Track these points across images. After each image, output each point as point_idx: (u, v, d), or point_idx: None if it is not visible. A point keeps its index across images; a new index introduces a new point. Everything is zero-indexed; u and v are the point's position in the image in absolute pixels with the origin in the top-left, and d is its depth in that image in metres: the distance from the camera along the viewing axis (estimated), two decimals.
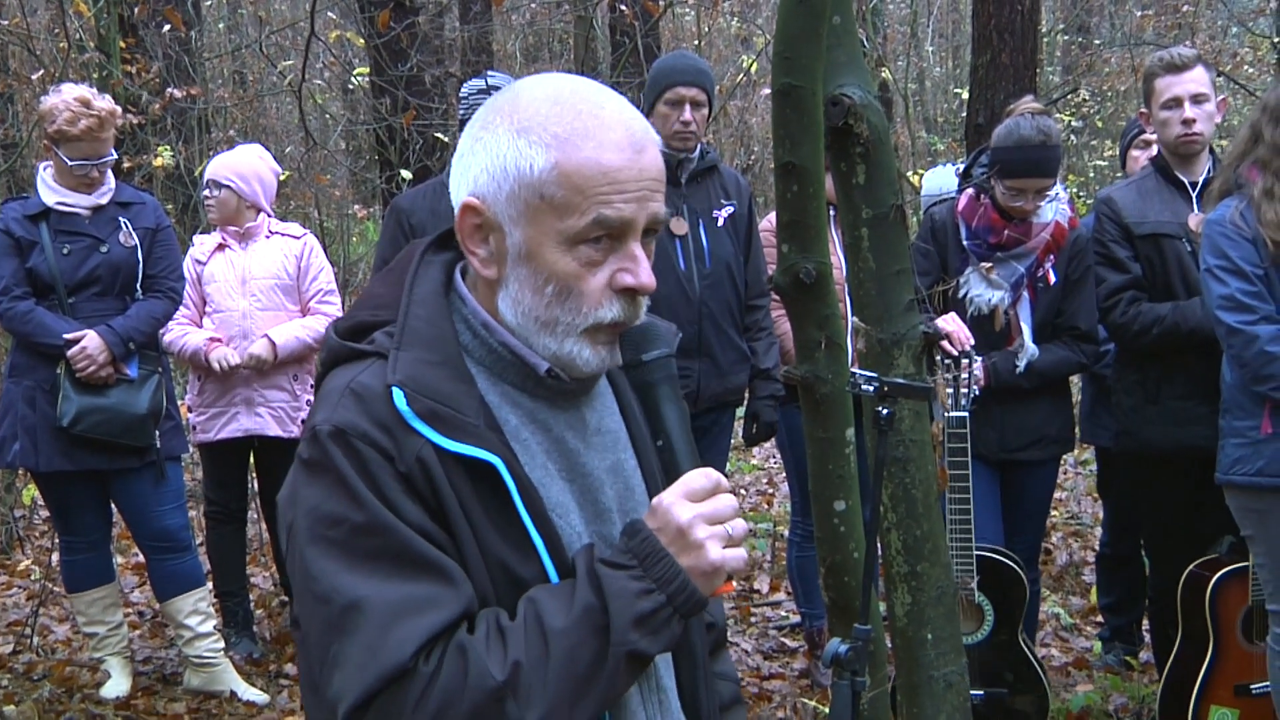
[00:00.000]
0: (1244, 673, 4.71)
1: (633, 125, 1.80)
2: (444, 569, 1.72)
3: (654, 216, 1.81)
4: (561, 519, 1.84)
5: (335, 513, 1.72)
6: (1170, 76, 4.97)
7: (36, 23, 11.62)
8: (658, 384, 1.86)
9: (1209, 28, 18.55)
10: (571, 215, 1.76)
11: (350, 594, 1.69)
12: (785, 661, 6.31)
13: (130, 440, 5.50)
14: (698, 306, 5.37)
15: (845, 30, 3.35)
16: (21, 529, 8.39)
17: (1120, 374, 5.16)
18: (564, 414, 1.90)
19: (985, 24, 9.23)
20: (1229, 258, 4.27)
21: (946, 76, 20.98)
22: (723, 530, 1.76)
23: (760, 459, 10.82)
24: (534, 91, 1.82)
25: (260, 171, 6.27)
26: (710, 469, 1.80)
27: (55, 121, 5.41)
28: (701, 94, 5.42)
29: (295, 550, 1.76)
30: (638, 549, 1.75)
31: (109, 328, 5.45)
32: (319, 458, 1.74)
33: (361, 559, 1.70)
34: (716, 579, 1.76)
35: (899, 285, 3.39)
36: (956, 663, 3.49)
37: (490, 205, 1.80)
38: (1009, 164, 4.91)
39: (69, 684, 5.91)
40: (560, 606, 1.72)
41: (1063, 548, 8.06)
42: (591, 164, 1.75)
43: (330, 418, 1.75)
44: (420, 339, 1.81)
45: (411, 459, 1.73)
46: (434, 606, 1.69)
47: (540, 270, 1.79)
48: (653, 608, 1.72)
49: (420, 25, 11.72)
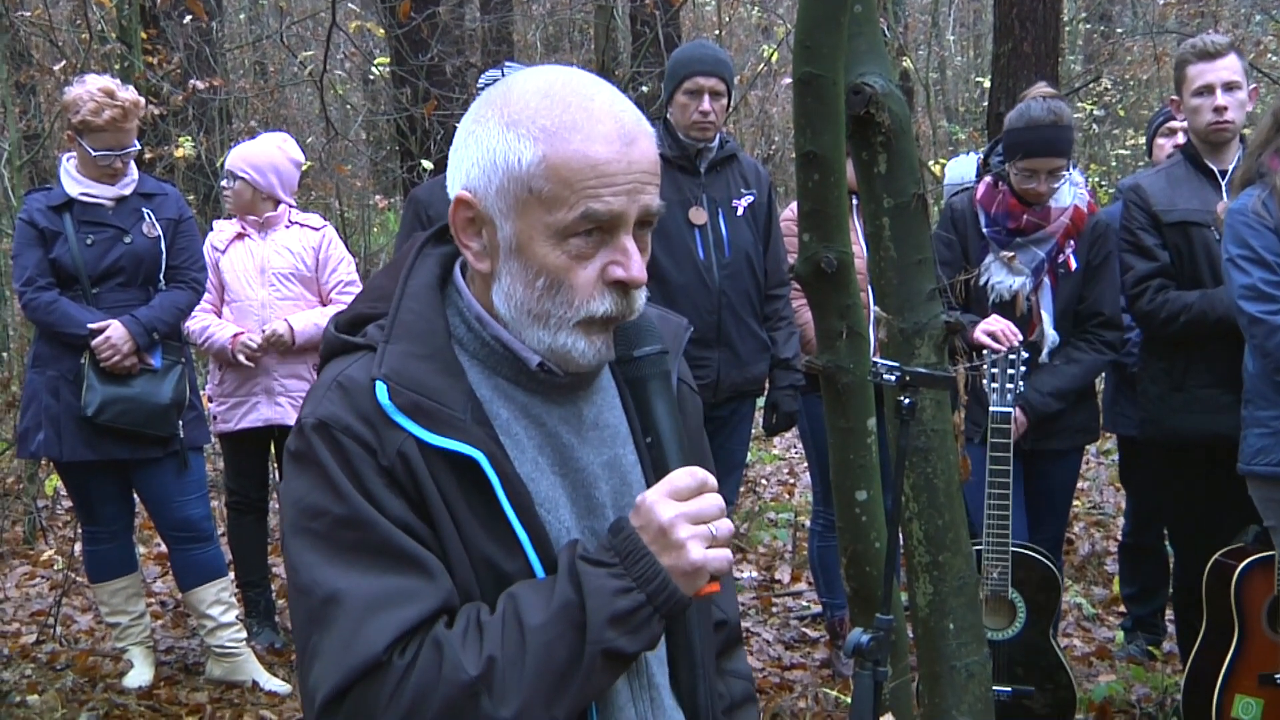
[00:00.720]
0: (1269, 662, 4.69)
1: (622, 117, 1.78)
2: (423, 563, 1.72)
3: (646, 209, 1.78)
4: (550, 514, 1.83)
5: (317, 505, 1.72)
6: (1202, 64, 4.93)
7: (58, 14, 11.68)
8: (649, 380, 1.84)
9: (1232, 15, 18.44)
10: (560, 209, 1.74)
11: (329, 586, 1.69)
12: (807, 651, 6.30)
13: (154, 430, 5.52)
14: (717, 296, 5.36)
15: (866, 19, 3.34)
16: (44, 519, 8.43)
17: (1146, 362, 5.14)
18: (559, 408, 1.89)
19: (1007, 12, 9.20)
20: (1251, 247, 4.25)
21: (968, 65, 20.93)
22: (706, 530, 1.74)
23: (781, 449, 10.81)
24: (525, 84, 1.80)
25: (277, 162, 6.26)
26: (697, 468, 1.78)
27: (79, 112, 5.42)
28: (720, 84, 5.41)
29: (283, 541, 1.78)
30: (619, 546, 1.74)
31: (133, 318, 5.47)
32: (304, 450, 1.75)
33: (341, 551, 1.71)
34: (698, 579, 1.74)
35: (920, 274, 3.38)
36: (979, 653, 3.48)
37: (481, 199, 1.80)
38: (1020, 145, 4.93)
39: (91, 674, 5.94)
40: (539, 602, 1.71)
41: (1085, 538, 8.04)
42: (579, 157, 1.74)
43: (315, 410, 1.76)
44: (410, 332, 1.81)
45: (393, 453, 1.73)
46: (411, 600, 1.69)
47: (531, 263, 1.78)
48: (631, 606, 1.71)
49: (441, 15, 11.74)
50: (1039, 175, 4.94)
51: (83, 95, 5.44)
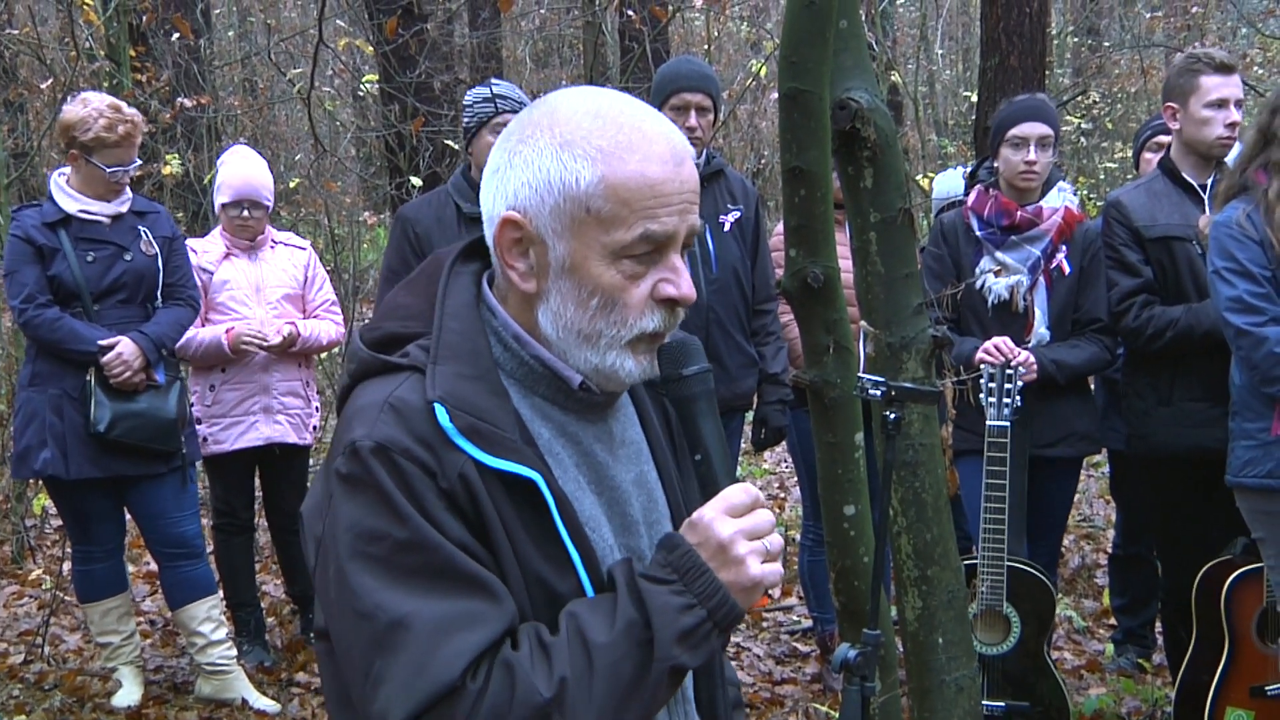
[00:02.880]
0: (1259, 674, 4.69)
1: (673, 138, 1.81)
2: (488, 585, 1.72)
3: (693, 229, 1.83)
4: (594, 533, 1.85)
5: (377, 529, 1.71)
6: (1220, 76, 4.89)
7: (46, 32, 11.67)
8: (697, 399, 1.87)
9: (1219, 29, 18.52)
10: (619, 228, 1.77)
11: (394, 611, 1.68)
12: (797, 666, 6.30)
13: (161, 445, 5.52)
14: (705, 312, 5.36)
15: (852, 34, 3.35)
16: (33, 538, 8.40)
17: (1131, 377, 5.14)
18: (592, 426, 1.91)
19: (994, 27, 9.24)
20: (1236, 260, 4.26)
21: (956, 79, 20.96)
22: (761, 545, 1.76)
23: (772, 463, 10.81)
24: (573, 105, 1.81)
25: (270, 179, 6.31)
26: (749, 485, 1.81)
27: (90, 130, 5.41)
28: (706, 99, 5.42)
29: (329, 565, 1.75)
30: (678, 563, 1.75)
31: (141, 334, 5.48)
32: (360, 473, 1.73)
33: (405, 575, 1.69)
34: (756, 594, 1.77)
35: (907, 289, 3.39)
36: (968, 667, 3.48)
37: (532, 219, 1.80)
38: (1008, 119, 5.15)
39: (80, 693, 5.91)
40: (602, 621, 1.72)
41: (1075, 550, 8.04)
42: (637, 177, 1.76)
43: (371, 433, 1.74)
44: (456, 353, 1.80)
45: (454, 475, 1.72)
46: (480, 623, 1.69)
47: (585, 283, 1.79)
48: (695, 623, 1.72)
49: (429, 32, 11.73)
50: (1028, 144, 5.10)
51: (91, 114, 5.44)
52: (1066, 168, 16.40)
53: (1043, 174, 5.16)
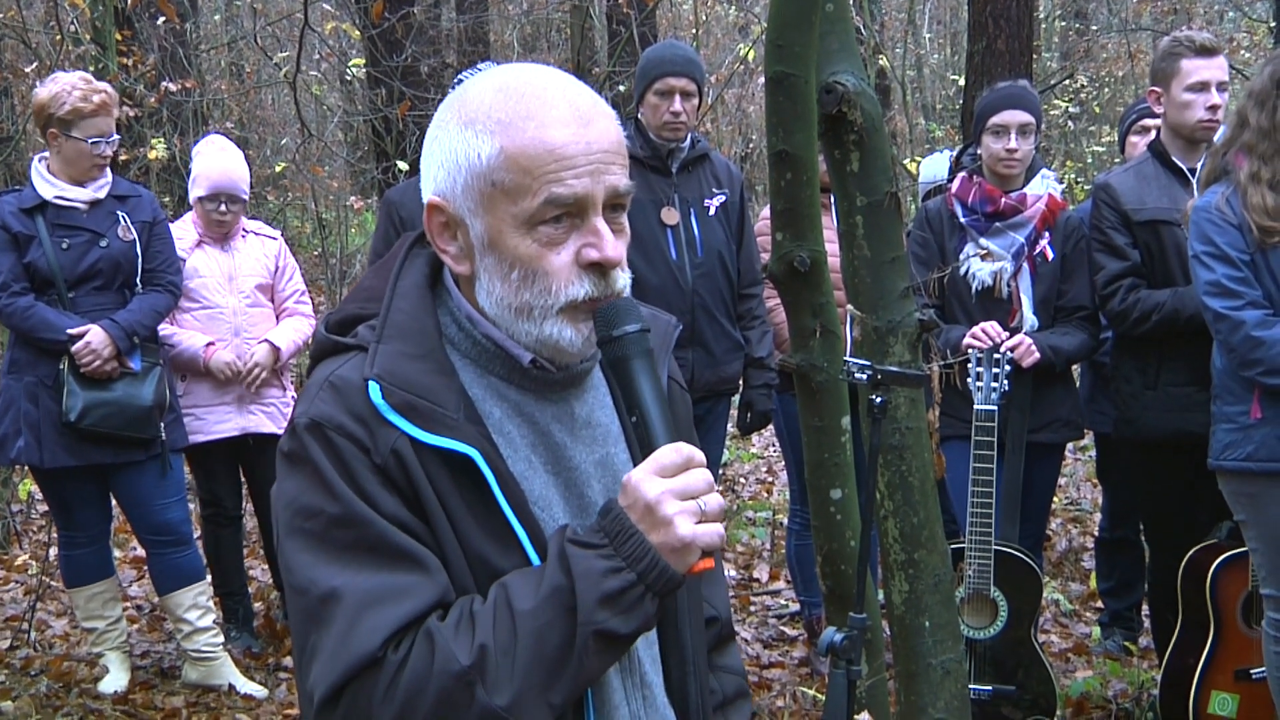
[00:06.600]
0: (1244, 657, 4.71)
1: (578, 100, 1.78)
2: (419, 558, 1.72)
3: (613, 189, 1.78)
4: (544, 512, 1.83)
5: (312, 505, 1.73)
6: (1201, 59, 4.89)
7: (32, 15, 11.60)
8: (631, 358, 1.81)
9: (1206, 12, 18.52)
10: (523, 198, 1.75)
11: (325, 585, 1.70)
12: (785, 650, 6.31)
13: (136, 432, 5.49)
14: (690, 296, 5.36)
15: (838, 17, 3.34)
16: (19, 524, 8.38)
17: (1119, 360, 5.15)
18: (551, 406, 1.89)
19: (981, 10, 9.24)
20: (1215, 244, 4.27)
21: (944, 63, 20.96)
22: (694, 505, 1.71)
23: (760, 447, 10.82)
24: (482, 84, 1.81)
25: (246, 169, 6.29)
26: (683, 443, 1.76)
27: (66, 103, 5.38)
28: (691, 84, 5.41)
29: (279, 542, 1.78)
30: (608, 527, 1.73)
31: (113, 321, 5.43)
32: (297, 450, 1.75)
33: (337, 550, 1.71)
34: (689, 555, 1.72)
35: (894, 272, 3.39)
36: (954, 650, 3.48)
37: (451, 201, 1.81)
38: (989, 106, 5.16)
39: (66, 679, 5.90)
40: (529, 588, 1.71)
41: (1062, 534, 8.06)
42: (536, 143, 1.74)
43: (308, 410, 1.76)
44: (402, 332, 1.81)
45: (387, 451, 1.73)
46: (406, 596, 1.69)
47: (505, 257, 1.78)
48: (621, 586, 1.70)
49: (415, 16, 11.71)
50: (1009, 131, 5.12)
51: (64, 89, 5.41)
52: (1054, 152, 16.43)
53: (1024, 161, 5.16)
